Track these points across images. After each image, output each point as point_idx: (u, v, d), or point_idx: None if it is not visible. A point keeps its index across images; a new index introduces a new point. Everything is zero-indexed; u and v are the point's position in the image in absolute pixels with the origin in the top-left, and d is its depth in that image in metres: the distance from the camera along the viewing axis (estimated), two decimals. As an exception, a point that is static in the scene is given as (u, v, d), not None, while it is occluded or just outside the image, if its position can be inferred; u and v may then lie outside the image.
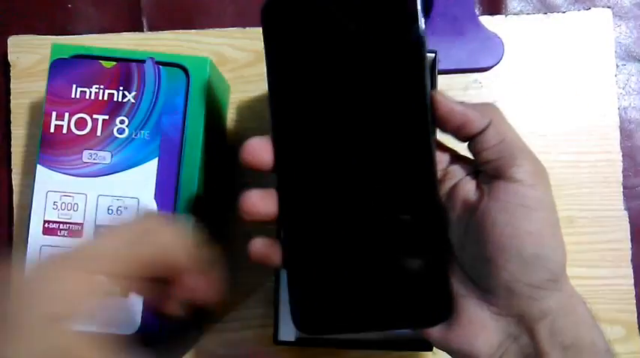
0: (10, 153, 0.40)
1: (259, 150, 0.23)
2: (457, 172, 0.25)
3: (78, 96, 0.31)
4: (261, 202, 0.23)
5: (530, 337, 0.23)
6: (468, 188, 0.24)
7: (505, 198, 0.22)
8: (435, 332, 0.24)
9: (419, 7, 0.23)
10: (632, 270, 0.38)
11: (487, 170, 0.23)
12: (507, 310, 0.23)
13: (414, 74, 0.23)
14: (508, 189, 0.22)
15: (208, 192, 0.34)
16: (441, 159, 0.25)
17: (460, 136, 0.24)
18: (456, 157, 0.25)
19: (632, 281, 0.38)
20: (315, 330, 0.24)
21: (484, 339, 0.23)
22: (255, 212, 0.23)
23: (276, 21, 0.23)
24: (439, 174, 0.24)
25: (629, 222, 0.38)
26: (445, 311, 0.24)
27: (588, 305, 0.24)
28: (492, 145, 0.23)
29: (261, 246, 0.24)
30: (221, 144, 0.38)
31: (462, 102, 0.23)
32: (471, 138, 0.23)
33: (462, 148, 0.25)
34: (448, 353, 0.25)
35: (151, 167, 0.31)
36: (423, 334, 0.25)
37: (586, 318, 0.23)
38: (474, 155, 0.24)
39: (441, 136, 0.25)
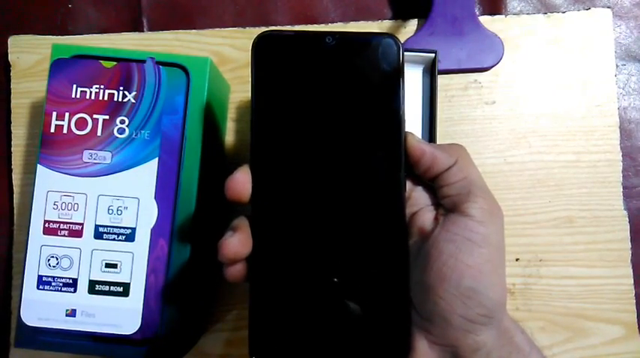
0: (10, 153, 0.40)
1: (243, 183, 0.24)
2: (420, 201, 0.26)
3: (78, 96, 0.31)
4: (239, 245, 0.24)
5: None
6: (427, 217, 0.25)
7: (454, 229, 0.23)
8: None
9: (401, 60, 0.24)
10: (631, 270, 0.38)
11: (445, 204, 0.24)
12: (443, 339, 0.23)
13: (393, 117, 0.24)
14: (459, 222, 0.23)
15: (208, 192, 0.34)
16: (407, 186, 0.25)
17: (428, 175, 0.25)
18: (421, 186, 0.26)
19: (632, 280, 0.38)
20: None
21: None
22: (233, 253, 0.24)
23: (265, 56, 0.24)
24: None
25: (629, 222, 0.38)
26: (403, 350, 0.24)
27: (527, 333, 0.24)
28: (454, 182, 0.24)
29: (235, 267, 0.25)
30: (221, 144, 0.38)
31: (431, 144, 0.25)
32: (436, 176, 0.25)
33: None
34: None
35: (151, 167, 0.31)
36: None
37: (523, 347, 0.24)
38: (436, 189, 0.25)
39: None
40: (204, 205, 0.33)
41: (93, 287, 0.30)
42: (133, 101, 0.31)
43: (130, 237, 0.30)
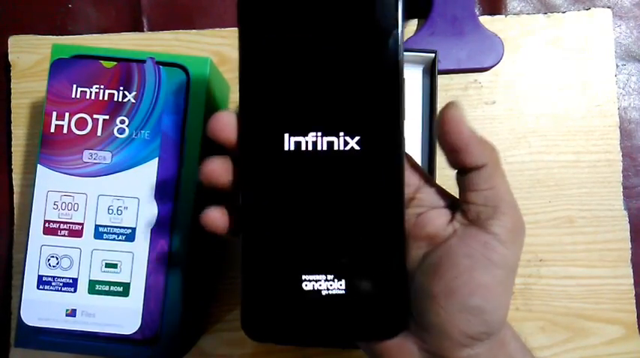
0: (10, 153, 0.40)
1: (228, 125, 0.23)
2: (427, 201, 0.24)
3: (78, 96, 0.31)
4: (221, 172, 0.23)
5: None
6: (439, 221, 0.23)
7: (473, 244, 0.22)
8: (365, 343, 0.24)
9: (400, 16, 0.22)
10: (631, 270, 0.38)
11: (467, 211, 0.23)
12: (436, 350, 0.23)
13: (390, 86, 0.23)
14: (479, 237, 0.22)
15: (207, 192, 0.34)
16: (411, 182, 0.24)
17: (452, 159, 0.23)
18: (428, 184, 0.25)
19: (632, 280, 0.38)
20: (264, 337, 0.24)
21: None
22: (213, 178, 0.23)
23: (252, 11, 0.23)
24: (407, 197, 0.24)
25: (629, 222, 0.38)
26: (401, 324, 0.23)
27: (520, 338, 0.24)
28: (482, 189, 0.22)
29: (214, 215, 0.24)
30: (221, 144, 0.38)
31: (471, 129, 0.22)
32: (462, 171, 0.23)
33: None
34: None
35: (151, 167, 0.31)
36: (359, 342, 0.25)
37: (515, 355, 0.23)
38: (460, 190, 0.23)
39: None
40: (204, 205, 0.33)
41: (93, 287, 0.30)
42: (133, 101, 0.31)
43: (130, 237, 0.30)
